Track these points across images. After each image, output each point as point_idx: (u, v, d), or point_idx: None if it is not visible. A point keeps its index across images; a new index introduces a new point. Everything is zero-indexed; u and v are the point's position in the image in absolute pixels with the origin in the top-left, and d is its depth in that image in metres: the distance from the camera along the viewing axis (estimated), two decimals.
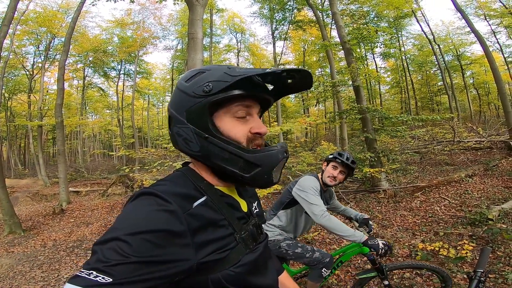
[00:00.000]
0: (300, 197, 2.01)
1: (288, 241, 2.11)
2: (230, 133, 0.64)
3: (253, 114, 0.68)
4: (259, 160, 0.63)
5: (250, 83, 0.65)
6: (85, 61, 21.30)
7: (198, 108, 0.63)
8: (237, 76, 0.60)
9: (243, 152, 0.62)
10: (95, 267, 0.46)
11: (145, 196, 0.58)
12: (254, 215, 0.76)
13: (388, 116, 7.08)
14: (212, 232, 0.60)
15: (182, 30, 20.68)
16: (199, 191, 0.64)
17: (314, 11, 11.98)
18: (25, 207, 10.37)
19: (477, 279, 1.24)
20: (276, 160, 0.65)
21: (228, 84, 0.60)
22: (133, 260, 0.47)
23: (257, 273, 0.68)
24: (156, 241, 0.50)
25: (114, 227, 0.52)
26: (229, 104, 0.65)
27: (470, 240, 3.52)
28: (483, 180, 6.32)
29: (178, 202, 0.57)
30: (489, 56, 9.75)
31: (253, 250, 0.67)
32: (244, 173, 0.63)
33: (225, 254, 0.60)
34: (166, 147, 7.91)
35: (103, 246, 0.48)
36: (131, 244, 0.48)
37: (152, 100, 32.95)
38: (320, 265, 2.07)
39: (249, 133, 0.66)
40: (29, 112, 19.12)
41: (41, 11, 16.54)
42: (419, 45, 23.03)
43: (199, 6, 4.83)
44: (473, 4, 17.97)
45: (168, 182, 0.64)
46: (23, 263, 4.88)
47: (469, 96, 22.98)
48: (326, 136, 23.68)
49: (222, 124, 0.65)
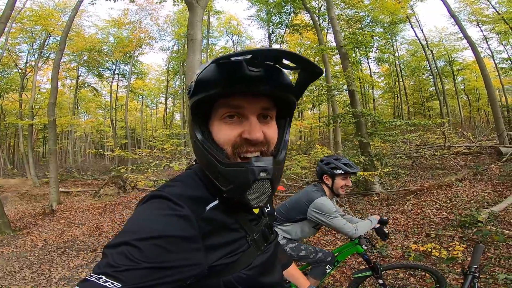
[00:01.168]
0: (325, 223, 2.03)
1: (292, 244, 2.15)
2: (216, 137, 0.59)
3: (247, 115, 0.58)
4: (229, 176, 0.56)
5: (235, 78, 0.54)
6: (79, 60, 21.09)
7: (189, 110, 0.61)
8: (197, 74, 0.56)
9: (217, 163, 0.56)
10: (104, 271, 0.45)
11: (157, 200, 0.56)
12: (266, 214, 0.74)
13: (381, 120, 7.20)
14: (223, 236, 0.59)
15: (179, 31, 20.66)
16: (211, 193, 0.61)
17: (311, 15, 12.12)
18: (14, 207, 10.18)
19: (472, 274, 1.30)
20: (246, 181, 0.55)
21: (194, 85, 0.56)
22: (143, 266, 0.46)
23: (267, 272, 0.67)
24: (168, 246, 0.49)
25: (125, 231, 0.51)
26: (217, 105, 0.59)
27: (460, 241, 3.60)
28: (473, 184, 6.46)
29: (190, 206, 0.55)
30: (480, 62, 9.99)
31: (264, 251, 0.66)
32: (222, 186, 0.57)
33: (236, 258, 0.59)
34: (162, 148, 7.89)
35: (113, 250, 0.48)
36: (142, 250, 0.47)
37: (146, 101, 32.76)
38: (324, 263, 2.14)
39: (237, 139, 0.58)
40: (20, 111, 18.80)
41: (37, 10, 16.37)
42: (412, 51, 23.44)
43: (199, 7, 4.85)
44: (466, 10, 18.40)
45: (180, 184, 0.62)
46: (13, 263, 4.81)
47: (460, 102, 23.44)
48: (320, 140, 23.85)
49: (212, 128, 0.60)
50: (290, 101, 0.62)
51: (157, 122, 36.87)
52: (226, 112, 0.57)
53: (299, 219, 2.14)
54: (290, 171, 8.48)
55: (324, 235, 4.65)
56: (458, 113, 24.10)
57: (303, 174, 9.00)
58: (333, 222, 2.01)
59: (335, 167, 2.06)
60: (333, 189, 2.12)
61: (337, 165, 2.06)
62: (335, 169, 2.06)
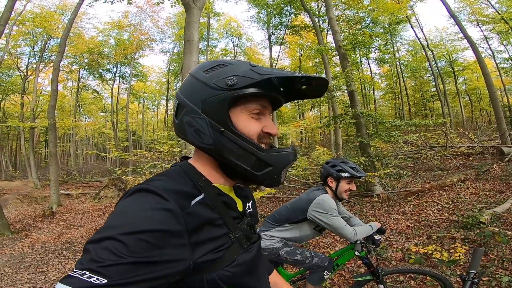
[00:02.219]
0: (324, 222, 1.97)
1: (287, 248, 2.09)
2: (245, 129, 0.63)
3: (265, 114, 0.68)
4: (272, 160, 0.63)
5: (271, 84, 0.66)
6: (80, 62, 21.17)
7: (218, 100, 0.61)
8: (265, 75, 0.60)
9: (257, 150, 0.62)
10: (88, 267, 0.44)
11: (142, 193, 0.55)
12: (248, 214, 0.75)
13: (382, 120, 7.14)
14: (208, 232, 0.58)
15: (179, 33, 20.71)
16: (197, 188, 0.62)
17: (311, 16, 12.10)
18: (15, 209, 10.20)
19: (470, 280, 1.23)
20: (287, 161, 0.65)
21: (254, 81, 0.60)
22: (128, 261, 0.45)
23: (252, 274, 0.66)
24: (153, 241, 0.48)
25: (108, 225, 0.50)
26: (247, 101, 0.64)
27: (462, 243, 3.53)
28: (475, 185, 6.38)
29: (176, 200, 0.54)
30: (481, 62, 9.93)
31: (248, 250, 0.66)
32: (255, 171, 0.63)
33: (220, 254, 0.59)
34: (161, 150, 7.85)
35: (96, 245, 0.46)
36: (126, 244, 0.46)
37: (147, 104, 32.81)
38: (320, 269, 2.06)
39: (261, 132, 0.66)
40: (22, 114, 18.87)
41: (38, 12, 16.46)
42: (413, 51, 23.40)
43: (196, 8, 4.84)
44: (466, 10, 18.37)
45: (165, 178, 0.62)
46: (10, 265, 4.80)
47: (462, 102, 23.36)
48: (321, 141, 23.81)
49: (237, 120, 0.64)
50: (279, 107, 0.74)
51: (158, 124, 36.92)
52: (256, 109, 0.65)
53: (299, 219, 2.08)
54: (290, 172, 8.43)
55: (323, 237, 4.58)
56: (459, 113, 24.02)
57: (303, 175, 8.95)
58: (333, 222, 1.95)
59: (341, 170, 2.02)
60: (337, 192, 2.07)
61: (343, 168, 2.02)
62: (341, 172, 2.02)
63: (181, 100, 0.66)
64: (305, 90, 0.69)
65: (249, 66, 0.63)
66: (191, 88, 0.65)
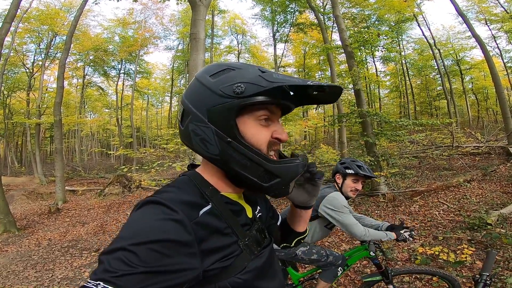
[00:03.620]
0: (334, 219, 1.99)
1: (303, 247, 2.10)
2: (253, 139, 0.61)
3: (274, 120, 0.66)
4: (280, 171, 0.61)
5: (281, 90, 0.62)
6: (86, 59, 21.29)
7: (225, 109, 0.58)
8: (275, 82, 0.57)
9: (265, 162, 0.60)
10: (102, 277, 0.45)
11: (151, 205, 0.56)
12: (257, 219, 0.75)
13: (388, 120, 7.08)
14: (217, 241, 0.59)
15: (184, 31, 20.72)
16: (205, 198, 0.62)
17: (316, 14, 12.01)
18: (20, 206, 10.30)
19: (483, 282, 1.23)
20: (296, 174, 0.64)
21: (263, 89, 0.57)
22: (140, 271, 0.46)
23: (264, 278, 0.67)
24: (164, 251, 0.49)
25: (120, 237, 0.51)
26: (254, 108, 0.62)
27: (469, 244, 3.51)
28: (481, 185, 6.33)
29: (184, 211, 0.55)
30: (489, 61, 9.80)
31: (258, 256, 0.66)
32: (263, 182, 0.61)
33: (229, 262, 0.59)
34: (165, 147, 7.89)
35: (109, 256, 0.48)
36: (138, 255, 0.47)
37: (152, 100, 32.92)
38: (334, 266, 2.10)
39: (270, 138, 0.64)
40: (28, 110, 19.04)
41: (43, 9, 16.54)
42: (419, 50, 23.14)
43: (202, 6, 4.82)
44: (475, 8, 18.12)
45: (174, 189, 0.62)
46: (17, 263, 4.84)
47: (468, 101, 23.11)
48: (325, 139, 23.72)
49: (245, 128, 0.61)
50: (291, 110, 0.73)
51: (162, 121, 37.01)
52: (264, 114, 0.63)
53: (311, 217, 2.09)
54: None
55: (328, 236, 4.58)
56: (466, 112, 23.78)
57: None
58: (344, 219, 1.96)
59: (347, 167, 2.04)
60: (342, 189, 2.08)
61: (350, 165, 2.04)
62: (347, 168, 2.04)
63: (186, 106, 0.63)
64: (317, 95, 0.67)
65: (258, 72, 0.60)
66: (196, 94, 0.63)
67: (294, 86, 0.62)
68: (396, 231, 2.06)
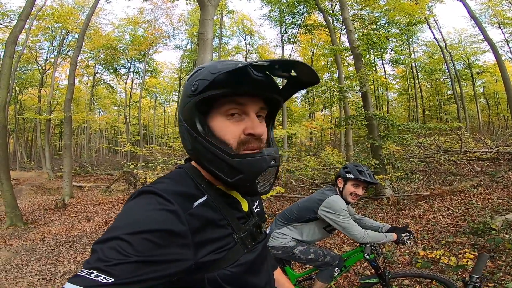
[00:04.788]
0: (333, 221, 2.01)
1: (301, 247, 2.12)
2: (220, 133, 0.62)
3: (249, 113, 0.63)
4: (241, 166, 0.59)
5: (243, 79, 0.59)
6: (97, 57, 21.62)
7: (189, 107, 0.62)
8: (216, 73, 0.58)
9: (225, 156, 0.59)
10: (95, 266, 0.45)
11: (146, 195, 0.57)
12: (255, 214, 0.75)
13: (395, 123, 7.02)
14: (211, 232, 0.59)
15: (192, 30, 20.87)
16: (200, 190, 0.63)
17: (325, 16, 11.99)
18: (28, 200, 10.47)
19: (472, 284, 1.23)
20: (259, 169, 0.60)
21: (208, 82, 0.58)
22: (134, 260, 0.46)
23: (254, 272, 0.67)
24: (157, 240, 0.49)
25: (114, 226, 0.51)
26: (220, 102, 0.62)
27: (471, 249, 3.46)
28: (488, 191, 6.22)
29: (179, 202, 0.56)
30: (500, 65, 9.64)
31: (252, 250, 0.66)
32: (227, 177, 0.60)
33: (222, 254, 0.60)
34: (171, 145, 7.96)
35: (103, 245, 0.48)
36: (132, 244, 0.47)
37: (159, 99, 33.26)
38: (331, 267, 2.11)
39: (242, 135, 0.62)
40: (39, 106, 19.42)
41: (57, 7, 16.89)
42: (430, 53, 22.85)
43: (211, 6, 4.86)
44: (488, 12, 17.80)
45: (169, 180, 0.63)
46: (21, 256, 4.88)
47: (479, 106, 22.68)
48: (331, 141, 23.60)
49: (214, 124, 0.63)
50: (279, 104, 0.69)
51: (170, 120, 37.33)
52: (231, 108, 0.61)
53: (310, 218, 2.12)
54: (299, 172, 8.41)
55: (330, 238, 4.57)
56: (476, 117, 23.35)
57: (312, 175, 8.91)
58: (343, 222, 1.98)
59: (348, 171, 2.06)
60: (342, 193, 2.10)
61: (351, 169, 2.05)
62: (348, 173, 2.06)
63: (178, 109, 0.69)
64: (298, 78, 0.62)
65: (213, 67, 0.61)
66: (181, 98, 0.68)
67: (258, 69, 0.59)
68: (397, 233, 2.07)
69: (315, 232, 2.16)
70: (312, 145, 21.45)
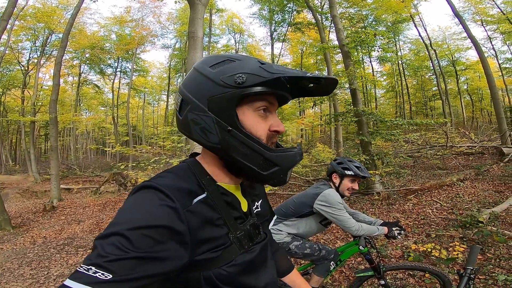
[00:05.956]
0: (329, 214, 2.04)
1: (297, 242, 2.14)
2: (252, 129, 0.62)
3: (272, 111, 0.67)
4: (279, 160, 0.62)
5: (279, 82, 0.63)
6: (82, 57, 21.11)
7: (226, 98, 0.59)
8: (276, 73, 0.58)
9: (265, 150, 0.61)
10: (94, 262, 0.44)
11: (147, 190, 0.56)
12: (254, 214, 0.74)
13: (383, 119, 7.16)
14: (208, 231, 0.59)
15: (181, 29, 20.64)
16: (201, 187, 0.62)
17: (314, 14, 12.06)
18: (15, 204, 10.21)
19: (467, 276, 1.27)
20: (294, 162, 0.65)
21: (264, 79, 0.58)
22: (132, 256, 0.46)
23: (251, 273, 0.66)
24: (156, 237, 0.49)
25: (114, 222, 0.51)
26: (254, 98, 0.63)
27: (461, 242, 3.57)
28: (474, 184, 6.42)
29: (179, 198, 0.55)
30: (483, 62, 9.91)
31: (249, 251, 0.66)
32: (262, 170, 0.62)
33: (217, 254, 0.59)
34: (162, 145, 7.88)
35: (103, 241, 0.47)
36: (131, 239, 0.47)
37: (148, 99, 32.78)
38: (327, 261, 2.14)
39: (268, 131, 0.65)
40: (22, 108, 18.86)
41: (40, 7, 16.41)
42: (415, 50, 23.30)
43: (200, 4, 4.83)
44: (471, 9, 18.25)
45: (171, 175, 0.62)
46: (12, 260, 4.81)
47: (463, 101, 23.30)
48: (321, 138, 23.81)
49: (244, 118, 0.62)
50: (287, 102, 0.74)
51: (159, 120, 36.90)
52: (262, 105, 0.64)
53: (306, 213, 2.15)
54: None
55: (324, 234, 4.62)
56: (460, 113, 23.99)
57: (303, 172, 8.99)
58: (338, 215, 2.01)
59: (346, 168, 2.09)
60: (339, 189, 2.13)
61: (349, 166, 2.09)
62: (346, 169, 2.08)
63: (185, 96, 0.64)
64: (312, 88, 0.68)
65: (258, 63, 0.61)
66: (196, 84, 0.63)
67: (292, 78, 0.62)
68: (388, 227, 2.12)
69: (312, 226, 2.19)
70: (303, 142, 21.59)
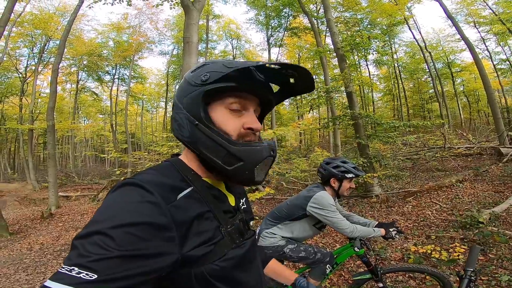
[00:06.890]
0: (322, 216, 2.03)
1: (291, 245, 2.12)
2: (222, 125, 0.64)
3: (249, 108, 0.67)
4: (242, 154, 0.62)
5: (249, 77, 0.65)
6: (79, 64, 21.15)
7: (194, 96, 0.64)
8: (232, 67, 0.61)
9: (228, 144, 0.61)
10: (76, 262, 0.43)
11: (128, 187, 0.55)
12: (242, 210, 0.75)
13: (380, 122, 7.16)
14: (197, 225, 0.58)
15: (178, 35, 20.75)
16: (186, 182, 0.63)
17: (309, 18, 12.15)
18: (13, 211, 10.17)
19: (468, 278, 1.24)
20: (260, 157, 0.63)
21: (222, 74, 0.60)
22: (116, 254, 0.45)
23: (243, 269, 0.66)
24: (140, 234, 0.48)
25: (94, 220, 0.50)
26: (224, 95, 0.65)
27: (461, 243, 3.54)
28: (474, 185, 6.40)
29: (161, 193, 0.55)
30: (478, 63, 9.98)
31: (240, 246, 0.66)
32: (226, 165, 0.62)
33: (211, 248, 0.59)
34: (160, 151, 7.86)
35: (84, 241, 0.46)
36: (113, 238, 0.46)
37: (146, 106, 32.79)
38: (323, 264, 2.11)
39: (241, 129, 0.65)
40: (20, 116, 18.81)
41: (37, 14, 16.48)
42: (411, 53, 23.49)
43: (195, 10, 4.87)
44: (463, 11, 18.43)
45: (154, 171, 0.63)
46: (8, 266, 4.80)
47: (460, 103, 23.43)
48: (320, 143, 23.81)
49: (215, 115, 0.65)
50: (270, 107, 0.74)
51: (157, 127, 36.87)
52: (234, 102, 0.65)
53: (299, 215, 2.13)
54: (289, 174, 8.44)
55: (322, 237, 4.59)
56: (458, 114, 24.09)
57: (302, 177, 8.96)
58: (331, 217, 2.00)
59: (345, 171, 2.08)
60: (339, 191, 2.14)
61: (347, 168, 2.09)
62: (345, 172, 2.08)
63: (174, 100, 0.70)
64: (295, 84, 0.68)
65: (225, 62, 0.64)
66: (180, 88, 0.69)
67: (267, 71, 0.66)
68: (385, 228, 2.10)
69: (306, 229, 2.17)
70: (301, 147, 21.60)
